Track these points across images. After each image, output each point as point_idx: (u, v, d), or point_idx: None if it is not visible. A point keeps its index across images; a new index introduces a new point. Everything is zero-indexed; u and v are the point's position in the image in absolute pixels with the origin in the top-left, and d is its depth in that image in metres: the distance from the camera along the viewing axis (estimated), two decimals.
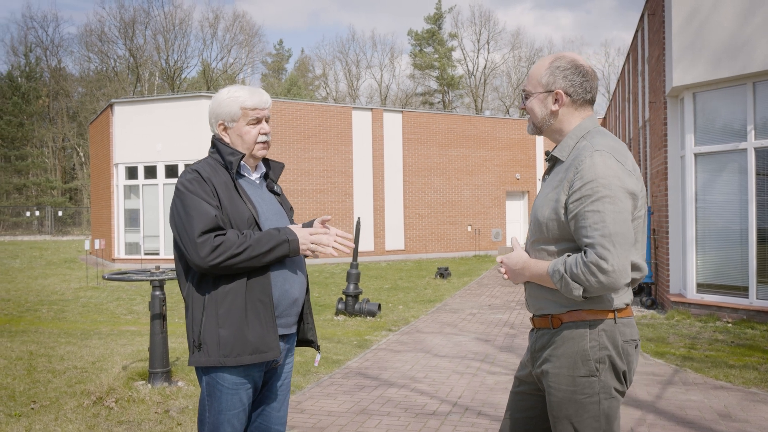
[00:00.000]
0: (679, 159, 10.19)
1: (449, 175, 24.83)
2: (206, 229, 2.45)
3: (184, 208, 2.49)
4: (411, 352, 7.36)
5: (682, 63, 9.47)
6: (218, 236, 2.46)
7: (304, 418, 4.93)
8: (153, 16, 60.33)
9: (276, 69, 66.18)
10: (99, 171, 24.43)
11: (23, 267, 20.50)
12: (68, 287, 14.87)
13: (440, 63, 57.46)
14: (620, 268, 2.05)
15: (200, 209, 2.47)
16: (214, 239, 2.44)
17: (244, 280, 2.50)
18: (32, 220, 44.50)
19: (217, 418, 2.53)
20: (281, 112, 21.54)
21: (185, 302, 2.59)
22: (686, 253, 9.83)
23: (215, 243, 2.43)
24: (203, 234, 2.44)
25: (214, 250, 2.42)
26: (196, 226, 2.45)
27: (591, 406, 2.19)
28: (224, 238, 2.45)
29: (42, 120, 51.01)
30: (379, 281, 15.80)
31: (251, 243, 2.46)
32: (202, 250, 2.42)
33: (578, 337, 2.21)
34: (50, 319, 10.34)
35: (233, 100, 2.66)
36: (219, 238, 2.45)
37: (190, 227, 2.46)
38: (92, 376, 6.05)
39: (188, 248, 2.46)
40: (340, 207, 22.45)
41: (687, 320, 9.12)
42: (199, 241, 2.43)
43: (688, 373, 6.26)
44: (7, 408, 5.12)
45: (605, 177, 2.11)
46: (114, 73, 53.15)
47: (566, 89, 2.31)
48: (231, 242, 2.44)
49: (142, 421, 4.77)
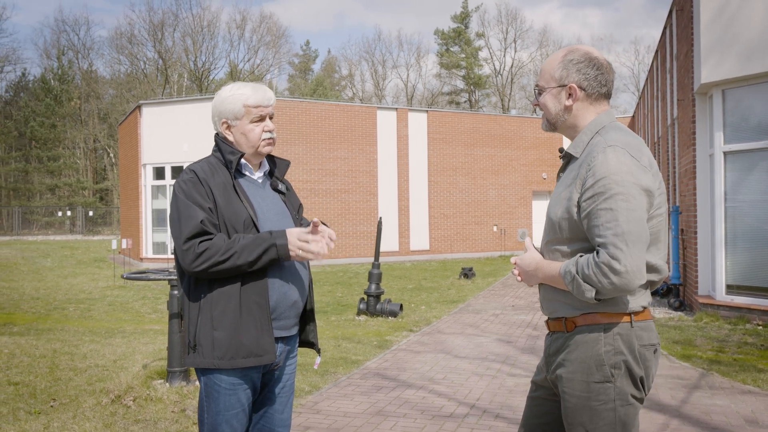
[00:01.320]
0: (708, 157, 9.96)
1: (475, 174, 24.67)
2: (191, 235, 2.42)
3: (176, 212, 2.48)
4: (431, 353, 7.29)
5: (710, 59, 9.25)
6: (203, 242, 2.41)
7: (320, 419, 4.89)
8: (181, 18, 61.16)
9: (303, 70, 66.48)
10: (128, 171, 24.77)
11: (54, 266, 20.86)
12: (96, 286, 15.08)
13: (467, 62, 57.18)
14: (633, 269, 1.95)
15: (188, 214, 2.44)
16: (199, 245, 2.40)
17: (239, 283, 2.46)
18: (64, 220, 45.30)
19: (215, 419, 2.50)
20: (306, 113, 21.61)
21: (182, 302, 2.57)
22: (715, 254, 9.60)
23: (199, 250, 2.40)
24: (188, 240, 2.42)
25: (198, 257, 2.39)
26: (183, 232, 2.43)
27: (606, 413, 2.09)
28: (209, 244, 2.41)
29: (74, 122, 51.91)
30: (402, 281, 15.74)
31: (237, 249, 2.41)
32: (186, 256, 2.41)
33: (592, 341, 2.11)
34: (77, 317, 10.48)
35: (236, 97, 2.62)
36: (204, 244, 2.41)
37: (178, 233, 2.45)
38: (112, 375, 6.10)
39: (177, 253, 2.46)
40: (364, 207, 22.43)
41: (716, 322, 8.90)
42: (184, 248, 2.41)
43: (715, 377, 6.09)
44: (28, 405, 5.17)
45: (618, 173, 2.01)
46: (143, 75, 53.91)
47: (580, 83, 2.22)
48: (216, 249, 2.40)
49: (159, 420, 4.78)
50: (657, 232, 2.14)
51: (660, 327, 8.80)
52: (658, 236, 2.15)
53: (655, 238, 2.15)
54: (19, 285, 15.28)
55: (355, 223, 22.22)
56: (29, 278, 16.89)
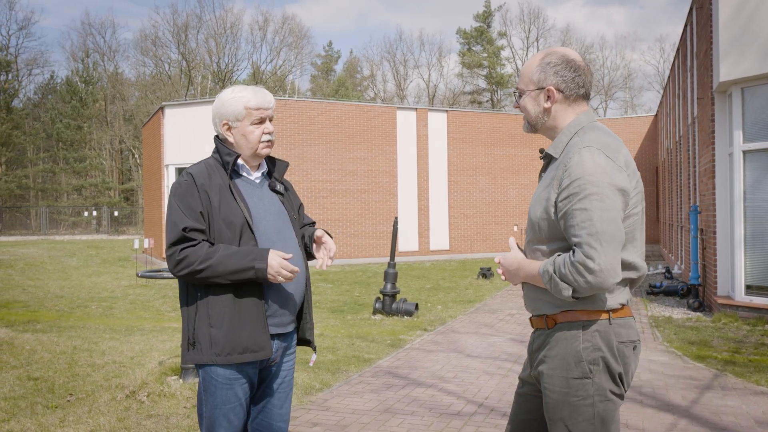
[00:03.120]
0: (727, 156, 9.85)
1: (495, 174, 24.60)
2: (173, 241, 2.52)
3: (167, 216, 2.59)
4: (443, 352, 7.32)
5: (729, 57, 9.14)
6: (184, 249, 2.50)
7: (328, 416, 4.96)
8: (205, 20, 61.67)
9: (325, 70, 66.74)
10: (151, 172, 25.12)
11: (79, 265, 21.23)
12: (118, 285, 15.33)
13: (489, 61, 56.98)
14: (607, 267, 2.00)
15: (173, 220, 2.54)
16: (180, 252, 2.50)
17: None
18: (90, 220, 46.04)
19: (213, 413, 2.58)
20: (326, 113, 21.73)
21: (180, 301, 2.66)
22: (734, 254, 9.49)
23: (179, 257, 2.49)
24: (171, 246, 2.52)
25: (178, 264, 2.50)
26: (168, 237, 2.54)
27: (585, 408, 2.14)
28: (190, 251, 2.49)
29: (99, 123, 52.74)
30: (421, 281, 15.77)
31: (213, 263, 2.47)
32: (169, 262, 2.53)
33: (571, 338, 2.16)
34: (98, 315, 10.68)
35: (237, 99, 2.69)
36: (184, 251, 2.49)
37: (166, 237, 2.55)
38: (128, 371, 6.23)
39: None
40: (384, 207, 22.49)
41: (734, 323, 8.81)
42: (167, 253, 2.53)
43: (729, 378, 6.04)
44: (45, 399, 5.31)
45: (593, 174, 2.05)
46: (168, 76, 54.56)
47: (558, 85, 2.27)
48: (195, 257, 2.48)
49: (171, 416, 4.88)
50: (633, 230, 2.18)
51: (677, 328, 8.73)
52: (634, 234, 2.19)
53: (631, 237, 2.18)
54: (44, 283, 15.59)
55: (375, 223, 22.29)
56: (54, 277, 17.22)
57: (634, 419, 4.84)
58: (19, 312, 10.89)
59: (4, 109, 47.64)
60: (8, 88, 48.99)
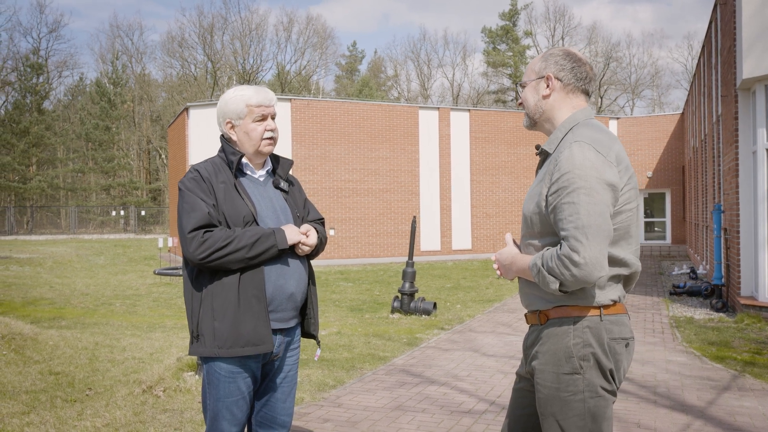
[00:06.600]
0: (751, 155, 9.69)
1: (518, 173, 24.47)
2: (197, 225, 2.57)
3: (182, 205, 2.63)
4: (459, 351, 7.32)
5: (753, 54, 9.00)
6: (207, 232, 2.57)
7: (340, 412, 5.00)
8: (230, 21, 62.31)
9: (349, 70, 66.93)
10: (176, 172, 25.44)
11: (106, 263, 21.60)
12: (143, 283, 15.57)
13: (514, 60, 56.64)
14: (592, 261, 2.01)
15: (194, 206, 2.60)
16: (203, 235, 2.56)
17: (237, 275, 2.60)
18: (118, 219, 46.78)
19: (216, 405, 2.64)
20: (348, 113, 21.81)
21: (184, 295, 2.71)
22: (758, 254, 9.34)
23: (203, 239, 2.55)
24: (193, 230, 2.56)
25: (201, 245, 2.54)
26: (189, 223, 2.58)
27: (576, 404, 2.15)
28: (212, 234, 2.56)
29: (128, 124, 53.55)
30: (441, 280, 15.76)
31: (237, 235, 2.57)
32: (191, 245, 2.55)
33: (562, 333, 2.17)
34: (122, 312, 10.87)
35: (239, 98, 2.75)
36: (207, 234, 2.56)
37: (184, 223, 2.59)
38: (147, 367, 6.34)
39: (181, 243, 2.60)
40: (406, 206, 22.51)
41: (757, 324, 8.66)
42: (189, 237, 2.56)
43: (747, 379, 5.96)
44: (65, 393, 5.44)
45: (582, 168, 2.07)
46: (193, 77, 55.18)
47: (556, 73, 2.32)
48: (217, 237, 2.55)
49: (185, 410, 4.96)
50: (627, 226, 2.18)
51: (698, 328, 8.62)
52: (628, 231, 2.18)
53: (624, 233, 2.18)
54: (71, 281, 15.91)
55: (397, 222, 22.32)
56: (81, 275, 17.55)
57: (647, 419, 4.80)
58: (46, 309, 11.13)
59: (36, 111, 48.62)
60: (40, 90, 49.97)
